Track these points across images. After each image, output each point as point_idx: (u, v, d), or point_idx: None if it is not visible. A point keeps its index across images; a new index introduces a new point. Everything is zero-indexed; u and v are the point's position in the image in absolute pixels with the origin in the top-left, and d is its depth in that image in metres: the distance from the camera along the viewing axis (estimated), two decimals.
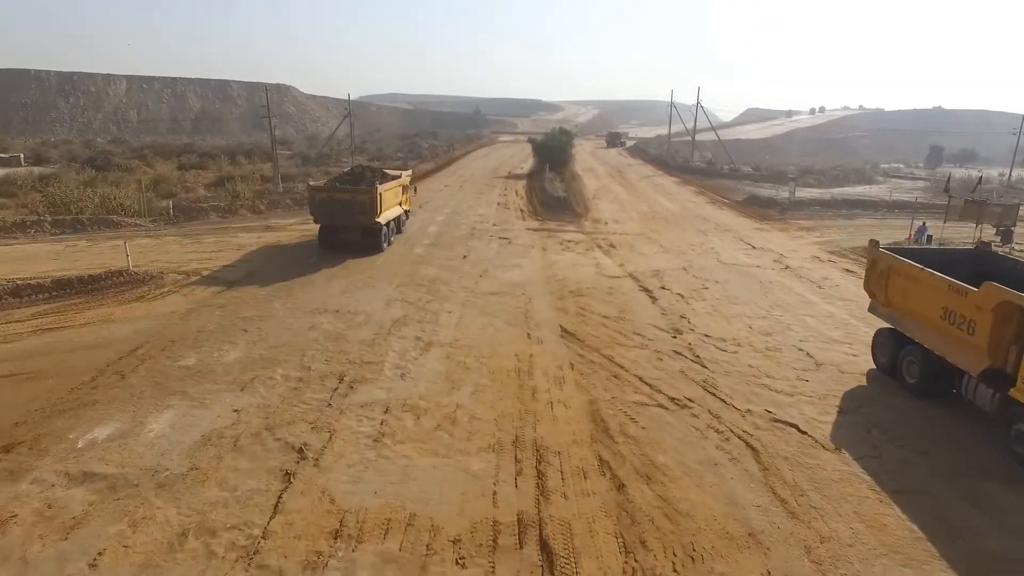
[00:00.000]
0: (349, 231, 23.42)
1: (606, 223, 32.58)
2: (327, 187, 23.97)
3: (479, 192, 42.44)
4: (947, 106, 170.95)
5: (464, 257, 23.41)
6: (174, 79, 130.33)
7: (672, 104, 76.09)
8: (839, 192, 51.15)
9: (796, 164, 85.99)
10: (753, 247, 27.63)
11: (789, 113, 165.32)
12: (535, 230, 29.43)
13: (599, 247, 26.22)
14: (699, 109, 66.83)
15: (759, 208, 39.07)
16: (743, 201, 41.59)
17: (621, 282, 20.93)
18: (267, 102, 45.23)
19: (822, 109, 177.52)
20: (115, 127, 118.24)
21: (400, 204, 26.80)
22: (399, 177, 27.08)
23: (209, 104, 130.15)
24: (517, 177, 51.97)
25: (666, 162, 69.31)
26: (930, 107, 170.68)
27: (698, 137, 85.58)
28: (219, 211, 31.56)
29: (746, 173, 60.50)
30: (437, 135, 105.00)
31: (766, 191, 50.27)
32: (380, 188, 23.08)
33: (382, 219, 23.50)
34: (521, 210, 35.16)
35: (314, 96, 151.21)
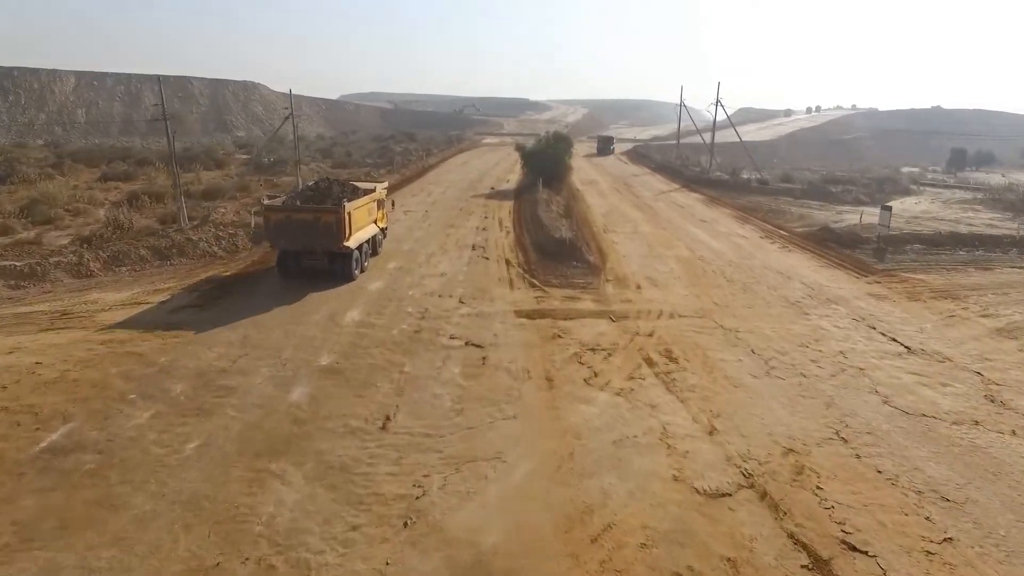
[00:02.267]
0: (313, 257, 19.34)
1: (638, 286, 20.18)
2: (286, 206, 19.48)
3: (449, 224, 29.86)
4: (946, 105, 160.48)
5: (383, 425, 10.79)
6: (128, 75, 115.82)
7: (682, 103, 63.98)
8: (911, 212, 39.37)
9: (810, 168, 74.88)
10: (906, 347, 15.37)
11: (787, 112, 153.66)
12: (529, 316, 16.74)
13: (648, 364, 13.75)
14: (718, 107, 54.75)
15: (840, 248, 26.88)
16: (812, 235, 29.38)
17: (738, 516, 8.56)
18: (161, 99, 32.46)
19: (818, 108, 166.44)
20: (60, 128, 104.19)
21: (375, 222, 22.41)
22: (373, 191, 22.44)
23: (167, 103, 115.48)
24: (502, 196, 39.41)
25: (678, 171, 57.10)
26: (928, 106, 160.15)
27: (694, 140, 73.55)
28: (11, 276, 18.70)
29: (781, 187, 48.36)
30: (415, 137, 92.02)
31: (819, 213, 38.26)
32: (349, 206, 18.94)
33: (352, 242, 19.33)
34: (507, 263, 22.55)
35: (286, 94, 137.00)
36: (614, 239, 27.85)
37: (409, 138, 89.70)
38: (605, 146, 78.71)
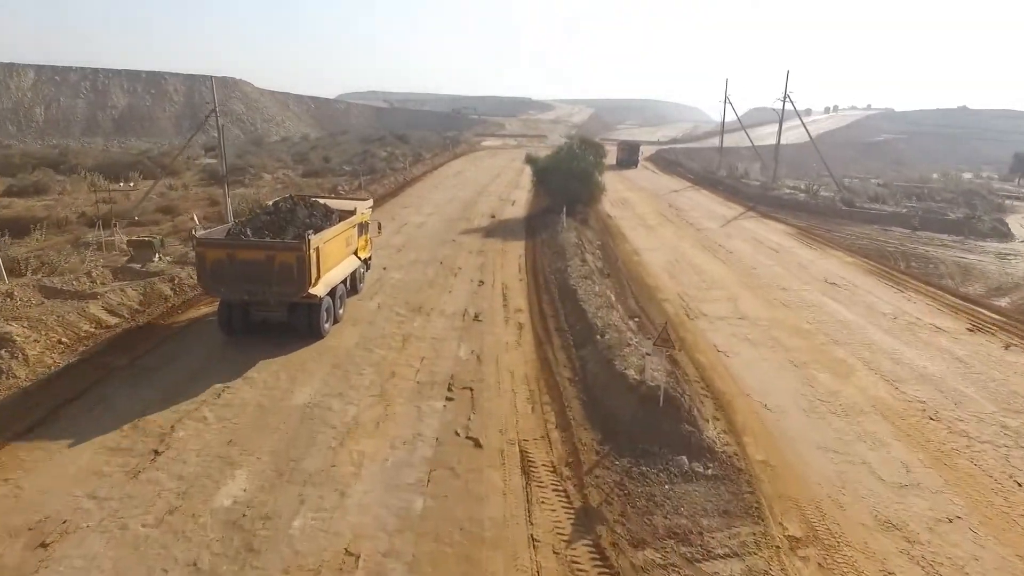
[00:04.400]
0: (266, 308, 12.87)
1: None
2: (229, 240, 12.76)
3: (414, 305, 16.47)
4: (971, 105, 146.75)
5: None
6: (95, 70, 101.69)
7: (727, 99, 50.64)
8: None
9: (857, 175, 62.29)
10: None
11: (807, 112, 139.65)
12: None
13: None
14: (786, 103, 41.45)
15: None
16: None
17: None
18: None
19: (835, 108, 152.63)
20: (14, 127, 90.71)
21: (356, 253, 15.97)
22: (352, 212, 15.89)
23: (139, 100, 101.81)
24: (506, 232, 25.95)
25: (730, 186, 43.64)
26: (954, 107, 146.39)
27: (711, 142, 60.38)
28: None
29: (879, 212, 34.82)
30: (406, 139, 78.23)
31: (980, 261, 24.86)
32: (316, 240, 12.52)
33: (321, 288, 12.90)
34: (525, 471, 9.13)
35: (272, 92, 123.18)
36: (714, 339, 14.50)
37: (400, 140, 75.97)
38: (629, 157, 57.72)
